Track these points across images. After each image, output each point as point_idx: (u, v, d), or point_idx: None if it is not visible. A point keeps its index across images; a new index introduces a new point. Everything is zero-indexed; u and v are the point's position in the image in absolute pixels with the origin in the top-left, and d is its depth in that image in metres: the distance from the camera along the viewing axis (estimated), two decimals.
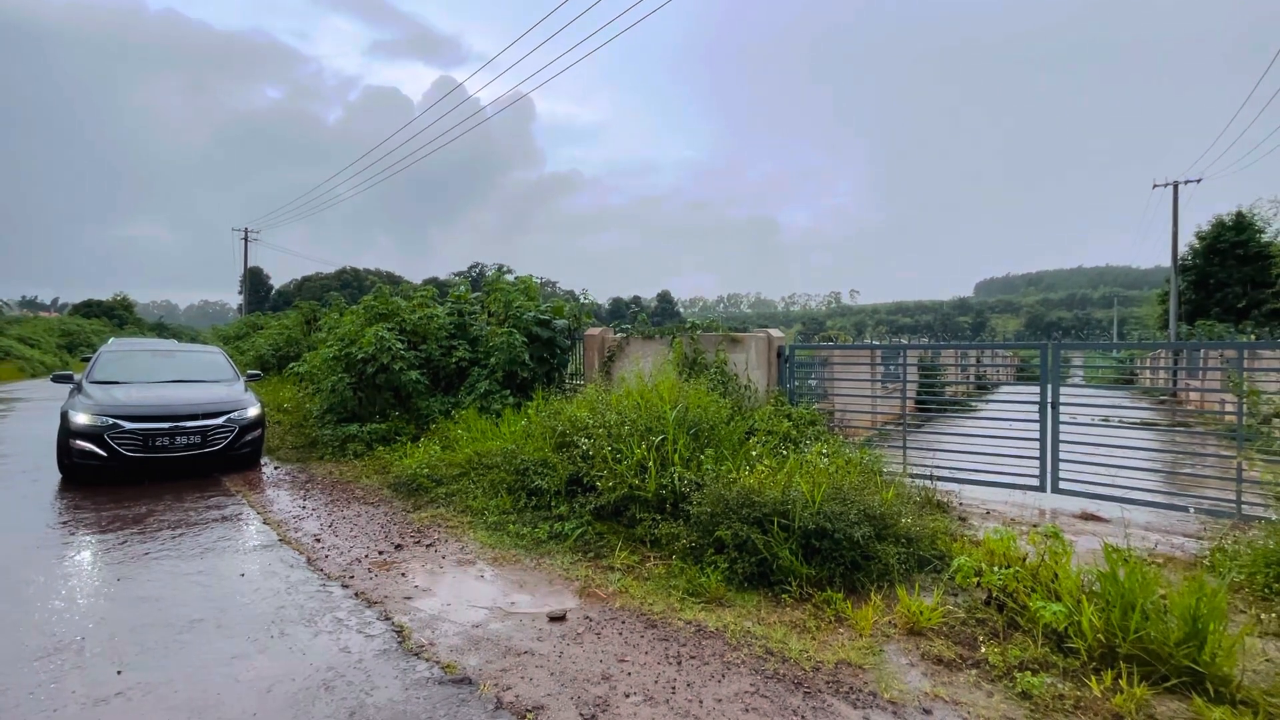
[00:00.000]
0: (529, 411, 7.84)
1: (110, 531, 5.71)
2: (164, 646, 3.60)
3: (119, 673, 3.31)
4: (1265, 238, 28.37)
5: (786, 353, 8.48)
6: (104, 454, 7.28)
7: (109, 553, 5.17)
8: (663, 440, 5.68)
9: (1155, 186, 30.20)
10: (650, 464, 5.43)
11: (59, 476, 7.67)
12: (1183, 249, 30.63)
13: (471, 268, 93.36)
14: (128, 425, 7.39)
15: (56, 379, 8.93)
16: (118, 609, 4.10)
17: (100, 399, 7.71)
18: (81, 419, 7.34)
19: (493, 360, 9.81)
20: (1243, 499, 5.72)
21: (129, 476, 7.67)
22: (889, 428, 9.95)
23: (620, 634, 3.79)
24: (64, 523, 5.98)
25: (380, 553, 5.23)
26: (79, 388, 8.24)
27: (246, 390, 8.99)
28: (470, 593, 4.42)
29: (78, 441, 7.27)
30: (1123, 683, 3.03)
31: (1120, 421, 9.74)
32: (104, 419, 7.36)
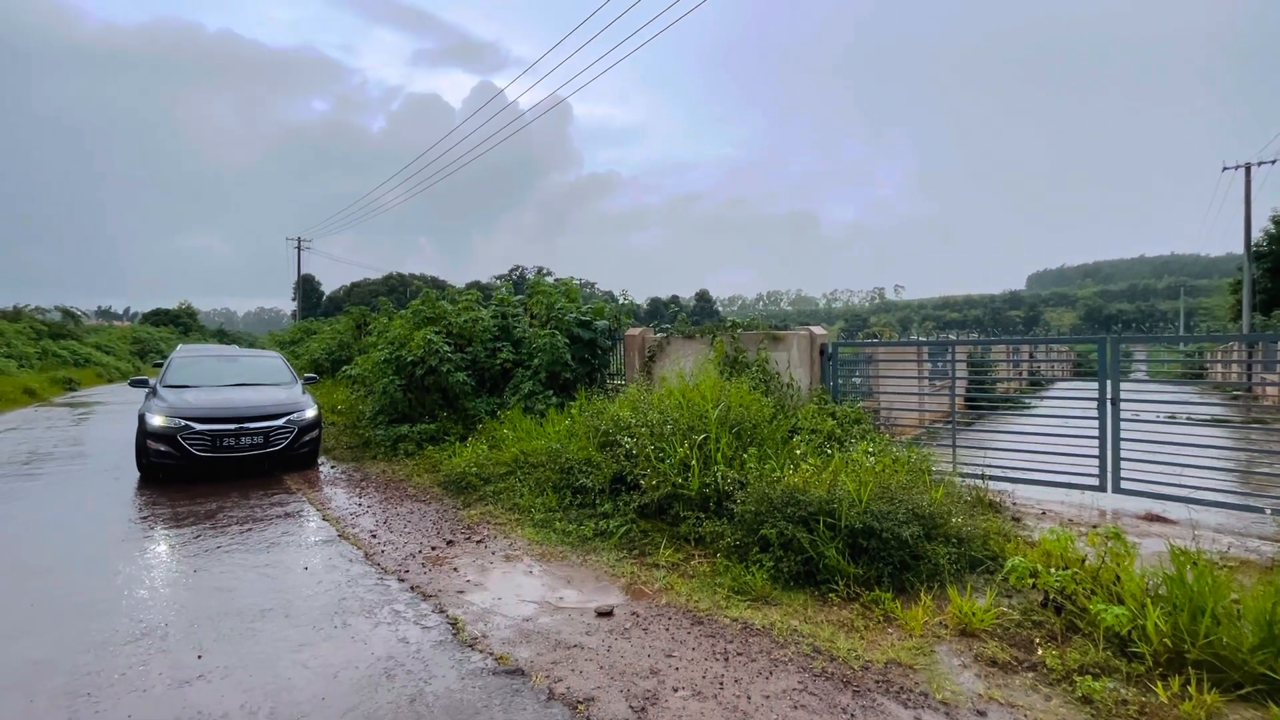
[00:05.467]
0: (572, 411, 7.97)
1: (185, 526, 6.08)
2: (238, 634, 3.84)
3: (199, 657, 3.55)
4: None
5: (830, 350, 8.37)
6: (177, 454, 7.76)
7: (185, 546, 5.52)
8: (705, 439, 5.70)
9: (1225, 169, 28.48)
10: (693, 463, 5.46)
11: (137, 475, 8.19)
12: (1256, 234, 28.76)
13: (512, 270, 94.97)
14: (198, 427, 7.85)
15: (134, 383, 9.53)
16: (195, 598, 4.38)
17: (173, 402, 8.21)
18: (157, 421, 7.83)
19: (536, 361, 10.00)
20: None
21: (199, 475, 8.15)
22: (937, 426, 9.70)
23: (667, 630, 3.84)
24: (144, 518, 6.40)
25: (433, 548, 5.42)
26: (154, 391, 8.79)
27: (304, 393, 9.41)
28: (520, 588, 4.54)
29: (153, 442, 7.76)
30: (1191, 689, 2.91)
31: (1189, 418, 9.26)
32: (177, 420, 7.84)
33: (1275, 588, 3.17)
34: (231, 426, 8.02)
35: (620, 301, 12.65)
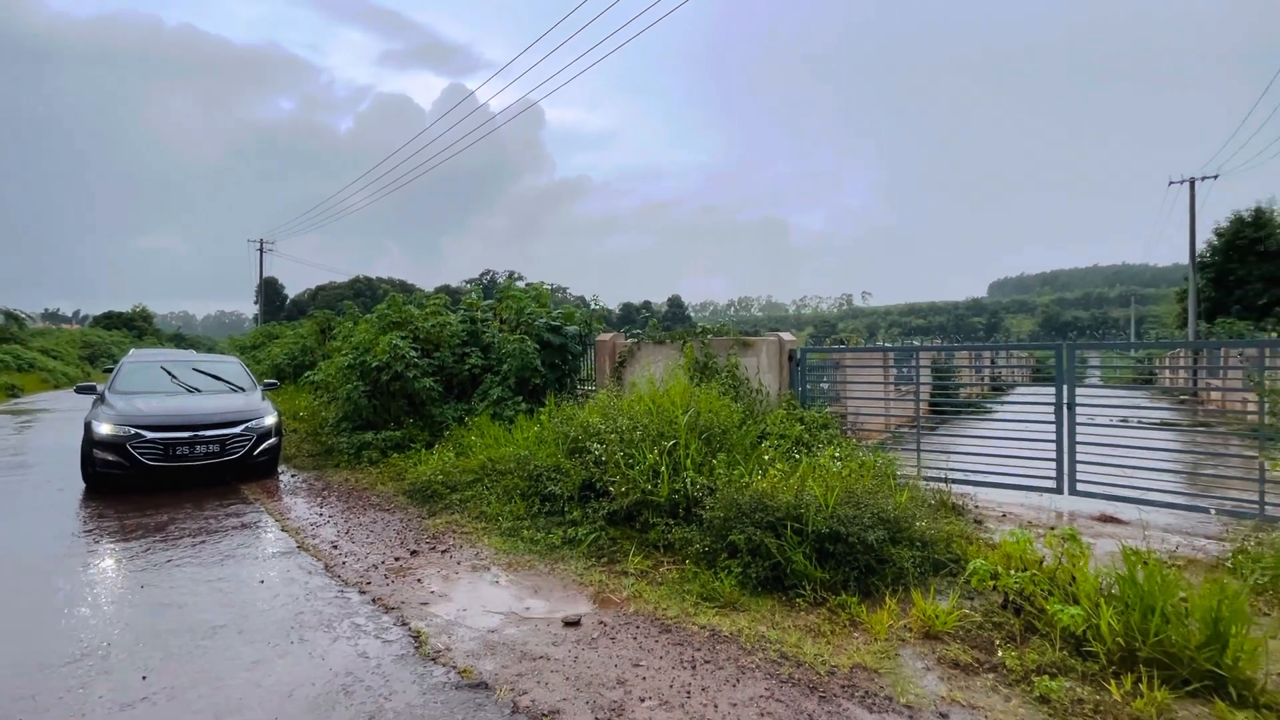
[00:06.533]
0: (541, 418, 7.89)
1: (133, 539, 5.81)
2: (187, 652, 3.67)
3: (144, 678, 3.38)
4: None
5: (798, 356, 8.47)
6: (126, 463, 7.43)
7: (132, 560, 5.27)
8: (675, 445, 5.70)
9: (1171, 183, 29.81)
10: (663, 469, 5.44)
11: (83, 486, 7.82)
12: (1200, 246, 30.21)
13: (483, 275, 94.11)
14: (149, 435, 7.54)
15: (80, 390, 9.12)
16: (142, 615, 4.18)
17: (122, 409, 7.87)
18: (104, 429, 7.49)
19: (505, 367, 9.88)
20: (1265, 500, 5.62)
21: (150, 485, 7.82)
22: (902, 430, 9.89)
23: (635, 639, 3.81)
24: (88, 531, 6.10)
25: (396, 559, 5.29)
26: (102, 398, 8.42)
27: (263, 399, 9.12)
28: (485, 598, 4.45)
29: (100, 451, 7.42)
30: (1143, 686, 3.00)
31: (1139, 422, 9.62)
32: (126, 428, 7.51)
33: (1220, 586, 3.28)
34: (185, 434, 7.72)
35: (592, 306, 12.59)
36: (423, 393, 9.60)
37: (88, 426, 7.68)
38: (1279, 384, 6.41)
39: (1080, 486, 6.52)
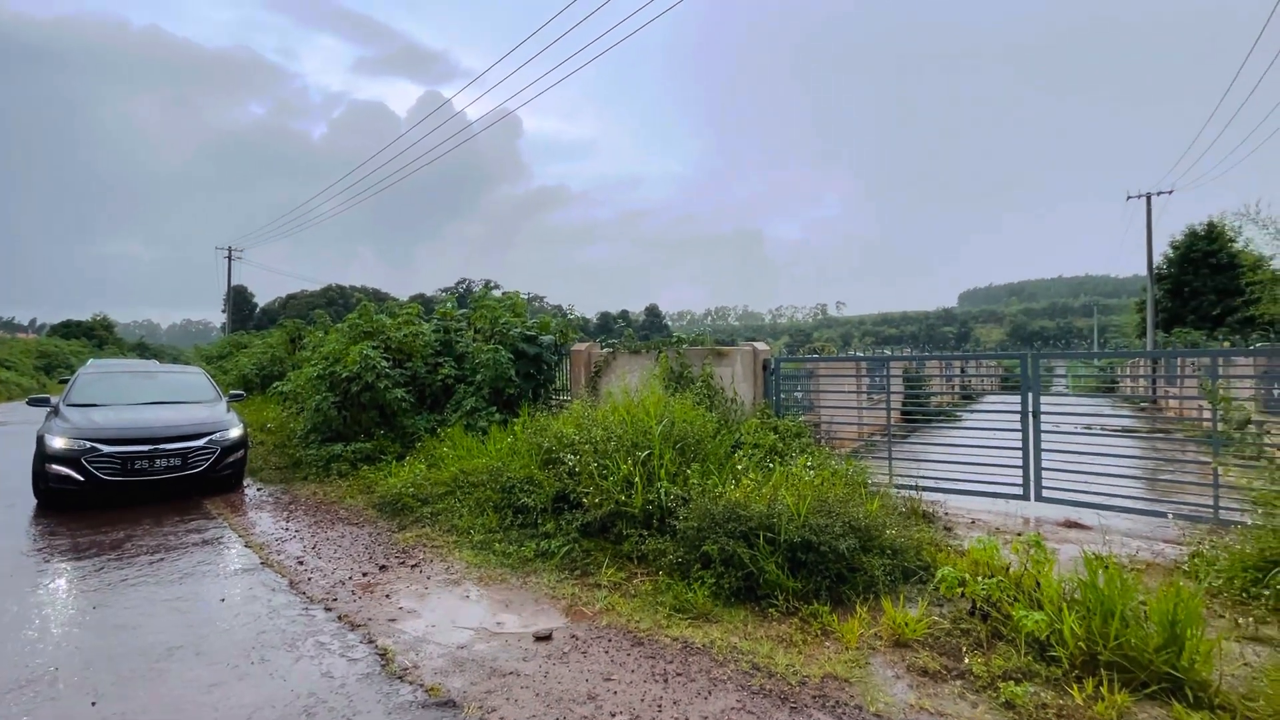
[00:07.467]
0: (515, 428, 7.81)
1: (86, 558, 5.59)
2: (140, 676, 3.53)
3: (93, 704, 3.23)
4: (1236, 247, 29.10)
5: (773, 365, 8.53)
6: (81, 478, 7.15)
7: (85, 580, 5.07)
8: (649, 455, 5.68)
9: (1129, 198, 30.89)
10: (637, 479, 5.42)
11: (34, 502, 7.51)
12: (1158, 258, 31.33)
13: (459, 283, 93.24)
14: (105, 448, 7.27)
15: (33, 402, 8.78)
16: (93, 638, 4.02)
17: (77, 422, 7.58)
18: (57, 443, 7.21)
19: (479, 377, 9.78)
20: (1220, 504, 5.80)
21: (107, 501, 7.54)
22: (875, 439, 10.02)
23: (606, 652, 3.77)
24: (39, 549, 5.85)
25: (364, 574, 5.17)
26: (56, 411, 8.10)
27: (229, 411, 8.88)
28: (456, 613, 4.37)
29: (53, 466, 7.13)
30: (1104, 690, 3.06)
31: (1102, 429, 9.90)
32: (81, 442, 7.24)
33: (1176, 589, 3.38)
34: (145, 448, 7.46)
35: (568, 316, 12.56)
36: (394, 403, 9.45)
37: (40, 440, 7.38)
38: (1231, 392, 6.65)
39: (1046, 493, 6.66)
